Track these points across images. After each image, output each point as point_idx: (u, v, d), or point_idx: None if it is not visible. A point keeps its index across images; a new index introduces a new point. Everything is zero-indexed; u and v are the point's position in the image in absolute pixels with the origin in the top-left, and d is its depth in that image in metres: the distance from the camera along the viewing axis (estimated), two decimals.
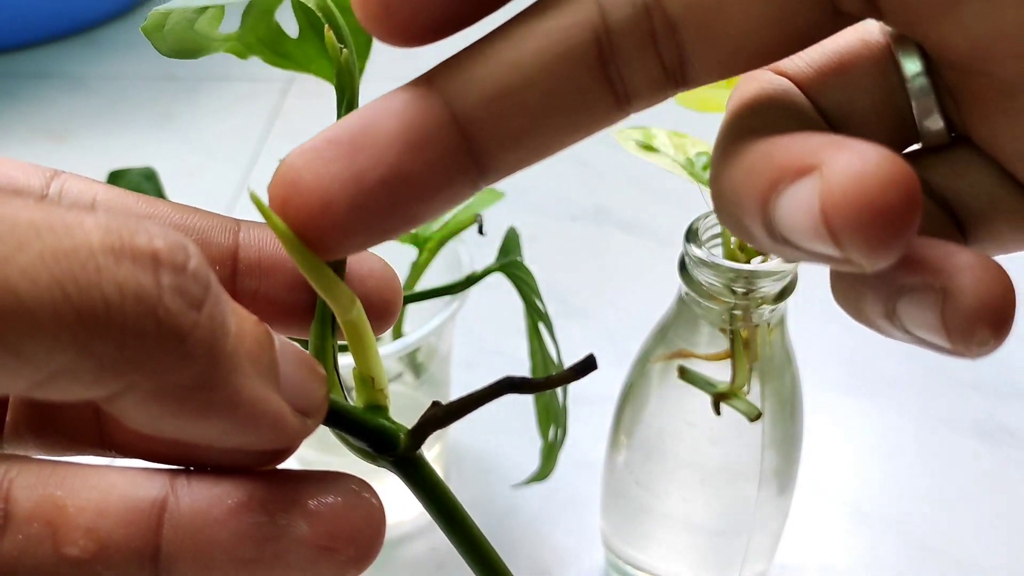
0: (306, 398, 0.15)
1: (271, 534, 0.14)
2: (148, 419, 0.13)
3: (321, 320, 0.18)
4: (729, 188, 0.15)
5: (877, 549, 0.41)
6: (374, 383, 0.17)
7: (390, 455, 0.17)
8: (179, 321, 0.12)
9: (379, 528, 0.15)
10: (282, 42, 0.23)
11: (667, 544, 0.34)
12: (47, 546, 0.14)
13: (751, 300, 0.27)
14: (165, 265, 0.12)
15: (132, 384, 0.12)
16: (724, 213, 0.15)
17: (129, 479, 0.14)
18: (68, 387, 0.12)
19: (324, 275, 0.16)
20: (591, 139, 0.17)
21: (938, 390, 0.49)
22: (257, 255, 0.18)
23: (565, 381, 0.16)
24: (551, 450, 0.35)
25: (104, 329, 0.11)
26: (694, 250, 0.27)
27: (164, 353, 0.12)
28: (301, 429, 0.15)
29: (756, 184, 0.14)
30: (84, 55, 0.83)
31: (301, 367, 0.15)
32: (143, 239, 0.12)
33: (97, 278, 0.11)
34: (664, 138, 0.27)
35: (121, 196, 0.17)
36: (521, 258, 0.33)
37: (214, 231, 0.17)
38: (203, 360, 0.12)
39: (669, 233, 0.60)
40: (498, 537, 0.41)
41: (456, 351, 0.50)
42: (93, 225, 0.11)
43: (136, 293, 0.11)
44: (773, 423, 0.30)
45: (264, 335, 0.14)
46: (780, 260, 0.26)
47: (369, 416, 0.17)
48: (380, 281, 0.18)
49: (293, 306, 0.18)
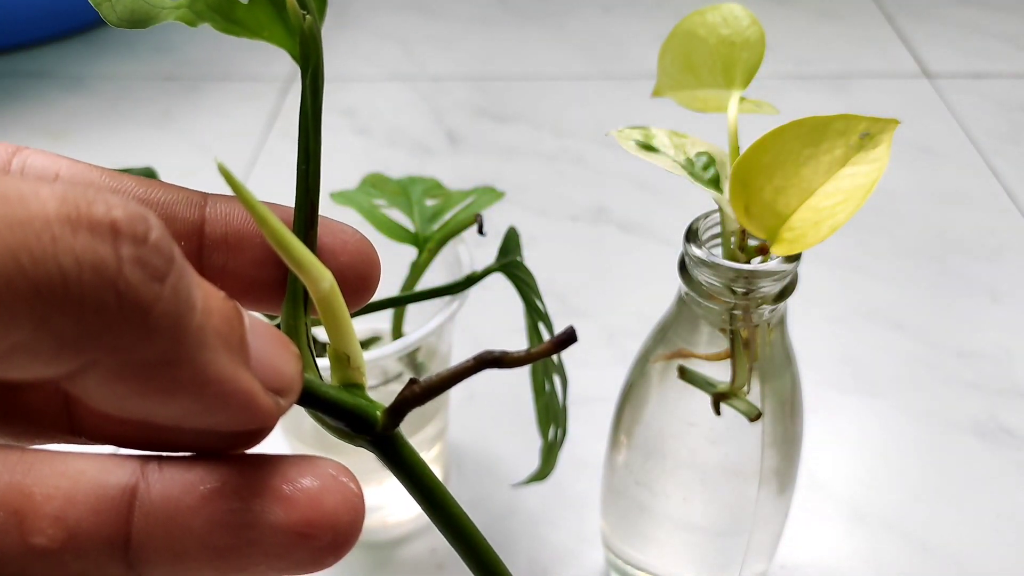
0: (278, 376, 0.14)
1: (245, 520, 0.14)
2: (113, 398, 0.12)
3: (292, 297, 0.17)
4: None
5: (877, 549, 0.41)
6: (349, 361, 0.17)
7: (368, 435, 0.16)
8: (141, 294, 0.11)
9: (357, 513, 0.15)
10: (233, 8, 0.21)
11: (667, 544, 0.34)
12: (14, 536, 0.13)
13: (751, 300, 0.27)
14: (125, 236, 0.11)
15: (93, 361, 0.11)
16: None
17: (99, 465, 0.14)
18: (26, 364, 0.11)
19: (296, 249, 0.15)
20: (591, 139, 0.17)
21: (938, 390, 0.49)
22: (224, 230, 0.17)
23: (545, 354, 0.15)
24: (551, 450, 0.35)
25: (62, 302, 0.11)
26: (694, 250, 0.27)
27: (126, 328, 0.11)
28: (274, 408, 0.14)
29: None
30: (84, 55, 0.82)
31: (273, 344, 0.14)
32: (100, 209, 0.11)
33: (53, 249, 0.11)
34: (664, 138, 0.27)
35: (85, 170, 0.17)
36: (521, 258, 0.33)
37: (179, 205, 0.17)
38: (167, 335, 0.12)
39: (669, 233, 0.60)
40: (498, 537, 0.41)
41: (456, 351, 0.50)
42: (49, 195, 0.11)
43: (94, 264, 0.11)
44: (773, 423, 0.30)
45: (232, 311, 0.13)
46: (780, 260, 0.26)
47: (345, 395, 0.16)
48: (355, 255, 0.18)
49: (262, 282, 0.17)
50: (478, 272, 0.33)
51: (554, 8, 0.90)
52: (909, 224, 0.61)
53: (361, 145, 0.70)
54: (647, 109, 0.69)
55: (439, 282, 0.34)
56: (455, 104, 0.75)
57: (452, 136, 0.71)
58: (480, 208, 0.36)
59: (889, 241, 0.60)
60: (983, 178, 0.65)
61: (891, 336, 0.52)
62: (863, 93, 0.75)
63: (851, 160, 0.24)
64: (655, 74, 0.31)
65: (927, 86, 0.76)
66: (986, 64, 0.79)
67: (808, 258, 0.37)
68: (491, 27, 0.87)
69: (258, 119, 0.73)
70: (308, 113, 0.18)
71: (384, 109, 0.74)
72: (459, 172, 0.66)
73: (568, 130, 0.71)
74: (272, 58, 0.81)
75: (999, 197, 0.63)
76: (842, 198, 0.24)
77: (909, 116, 0.72)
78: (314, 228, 0.18)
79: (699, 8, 0.29)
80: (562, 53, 0.82)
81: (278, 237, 0.15)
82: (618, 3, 0.91)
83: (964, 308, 0.54)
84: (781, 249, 0.24)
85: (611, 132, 0.27)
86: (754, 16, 0.28)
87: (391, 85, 0.77)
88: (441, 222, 0.36)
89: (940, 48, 0.81)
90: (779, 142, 0.24)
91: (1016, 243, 0.59)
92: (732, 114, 0.27)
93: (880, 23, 0.86)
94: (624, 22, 0.87)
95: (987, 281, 0.56)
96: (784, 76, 0.78)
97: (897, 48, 0.82)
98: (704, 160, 0.27)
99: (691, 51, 0.29)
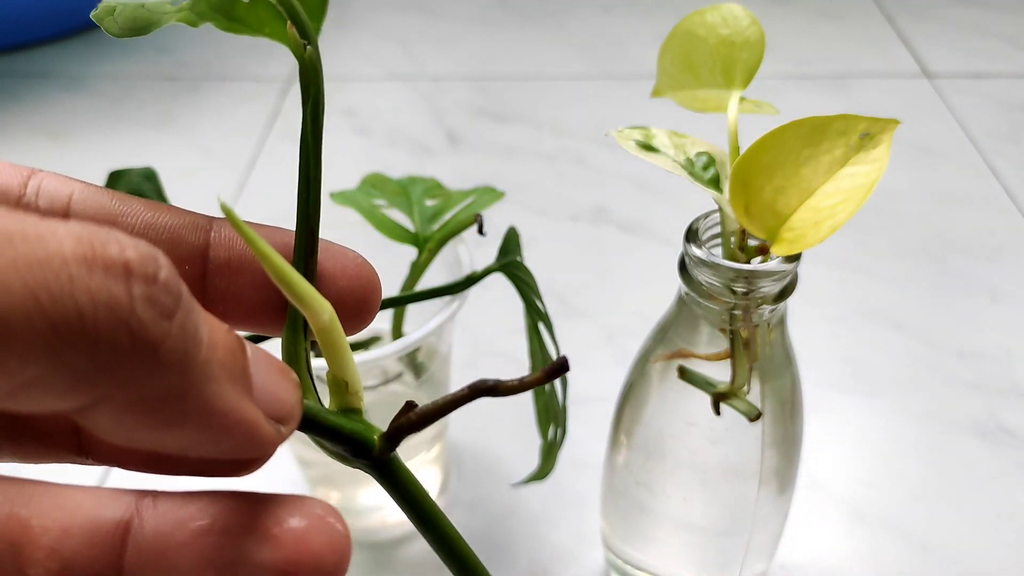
0: (280, 405, 0.15)
1: (233, 558, 0.14)
2: (122, 430, 0.13)
3: (292, 323, 0.18)
4: None
5: (877, 549, 0.41)
6: (348, 387, 0.17)
7: (366, 458, 0.17)
8: (151, 331, 0.12)
9: (343, 555, 0.15)
10: (234, 7, 0.21)
11: (667, 544, 0.34)
12: (10, 568, 0.14)
13: (751, 300, 0.27)
14: (137, 275, 0.12)
15: (105, 395, 0.12)
16: None
17: (95, 499, 0.14)
18: (40, 398, 0.11)
19: (296, 283, 0.16)
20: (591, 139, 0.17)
21: (938, 390, 0.49)
22: (227, 254, 0.18)
23: (538, 383, 0.16)
24: (551, 450, 0.35)
25: (78, 339, 0.11)
26: (694, 250, 0.27)
27: (137, 364, 0.12)
28: (276, 436, 0.15)
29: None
30: (84, 55, 0.83)
31: (274, 374, 0.15)
32: (114, 249, 0.12)
33: (70, 288, 0.11)
34: (664, 138, 0.27)
35: (96, 194, 0.17)
36: (521, 258, 0.33)
37: (185, 230, 0.18)
38: (176, 370, 0.12)
39: (669, 233, 0.60)
40: (498, 537, 0.41)
41: (456, 351, 0.50)
42: (65, 234, 0.11)
43: (108, 304, 0.11)
44: (773, 423, 0.30)
45: (236, 343, 0.14)
46: (780, 260, 0.26)
47: (344, 420, 0.17)
48: (354, 280, 0.18)
49: (264, 305, 0.18)
50: (478, 272, 0.33)
51: (554, 8, 0.90)
52: (909, 224, 0.61)
53: (361, 145, 0.70)
54: (647, 109, 0.69)
55: (439, 282, 0.34)
56: (455, 104, 0.75)
57: (452, 136, 0.71)
58: (480, 208, 0.36)
59: (889, 241, 0.60)
60: (983, 178, 0.65)
61: (891, 336, 0.52)
62: (863, 93, 0.75)
63: (851, 160, 0.24)
64: (655, 74, 0.31)
65: (927, 86, 0.76)
66: (986, 64, 0.79)
67: (808, 258, 0.37)
68: (491, 27, 0.87)
69: (258, 119, 0.73)
70: (309, 141, 0.18)
71: (384, 109, 0.74)
72: (459, 172, 0.66)
73: (568, 130, 0.71)
74: (272, 58, 0.81)
75: (999, 197, 0.63)
76: (842, 198, 0.24)
77: (909, 116, 0.72)
78: (314, 256, 0.18)
79: (699, 8, 0.29)
80: (562, 53, 0.82)
81: (278, 272, 0.15)
82: (618, 3, 0.91)
83: (964, 308, 0.54)
84: (781, 249, 0.24)
85: (611, 132, 0.27)
86: (754, 16, 0.28)
87: (391, 85, 0.77)
88: (441, 222, 0.36)
89: (940, 48, 0.81)
90: (779, 142, 0.24)
91: (1016, 243, 0.59)
92: (732, 114, 0.27)
93: (880, 23, 0.86)
94: (624, 22, 0.87)
95: (987, 281, 0.56)
96: (784, 76, 0.78)
97: (897, 48, 0.82)
98: (704, 160, 0.27)
99: (691, 51, 0.29)
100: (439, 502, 0.42)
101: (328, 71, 0.81)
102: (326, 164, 0.20)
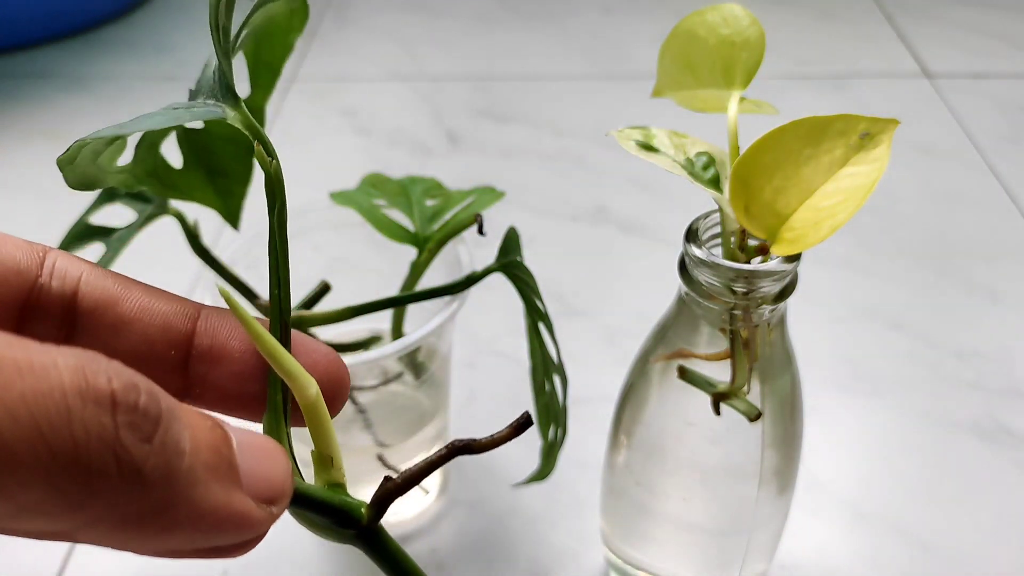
0: (269, 486, 0.16)
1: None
2: (115, 543, 0.13)
3: (273, 409, 0.19)
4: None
5: (877, 549, 0.41)
6: (332, 463, 0.18)
7: (353, 529, 0.18)
8: (133, 455, 0.13)
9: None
10: (168, 174, 0.24)
11: (667, 544, 0.34)
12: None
13: (751, 300, 0.27)
14: (120, 405, 0.13)
15: (98, 516, 0.13)
16: None
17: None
18: (33, 521, 0.12)
19: (286, 361, 0.17)
20: (591, 139, 0.17)
21: (938, 390, 0.49)
22: (210, 343, 0.19)
23: (505, 440, 0.18)
24: (551, 450, 0.35)
25: (72, 467, 0.12)
26: (694, 250, 0.27)
27: (124, 487, 0.13)
28: (267, 518, 0.16)
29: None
30: (84, 55, 0.83)
31: (262, 456, 0.16)
32: (103, 381, 0.13)
33: (68, 419, 0.12)
34: (664, 138, 0.27)
35: (101, 277, 0.18)
36: (521, 258, 0.33)
37: (176, 316, 0.19)
38: (160, 485, 0.13)
39: (669, 233, 0.60)
40: (498, 537, 0.41)
41: (456, 351, 0.50)
42: (64, 366, 0.12)
43: (99, 433, 0.12)
44: (773, 423, 0.30)
45: (220, 439, 0.15)
46: (780, 260, 0.26)
47: (331, 495, 0.18)
48: (328, 368, 0.19)
49: (240, 395, 0.19)
50: (478, 272, 0.33)
51: (554, 8, 0.90)
52: (909, 224, 0.61)
53: (361, 145, 0.70)
54: (647, 109, 0.69)
55: (439, 282, 0.34)
56: (455, 104, 0.75)
57: (452, 136, 0.71)
58: (480, 208, 0.36)
59: (889, 241, 0.60)
60: (983, 178, 0.65)
61: (891, 336, 0.52)
62: (863, 93, 0.75)
63: (851, 160, 0.24)
64: (655, 74, 0.31)
65: (927, 86, 0.76)
66: (986, 64, 0.79)
67: (808, 258, 0.37)
68: (491, 27, 0.87)
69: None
70: (276, 244, 0.19)
71: (384, 109, 0.74)
72: (459, 172, 0.66)
73: (568, 130, 0.71)
74: None
75: (999, 197, 0.63)
76: (842, 198, 0.24)
77: (909, 116, 0.72)
78: (287, 347, 0.19)
79: (699, 8, 0.29)
80: (562, 53, 0.82)
81: (270, 350, 0.17)
82: (618, 3, 0.91)
83: (964, 308, 0.54)
84: (781, 249, 0.24)
85: (611, 132, 0.27)
86: (754, 16, 0.28)
87: (391, 85, 0.77)
88: (441, 222, 0.36)
89: (940, 48, 0.81)
90: (779, 142, 0.24)
91: (1016, 243, 0.59)
92: (732, 114, 0.27)
93: (880, 23, 0.86)
94: (624, 22, 0.87)
95: (987, 281, 0.56)
96: (784, 76, 0.78)
97: (897, 48, 0.82)
98: (704, 160, 0.27)
99: (691, 51, 0.29)
100: (439, 502, 0.42)
101: (328, 71, 0.81)
102: (326, 164, 0.20)
